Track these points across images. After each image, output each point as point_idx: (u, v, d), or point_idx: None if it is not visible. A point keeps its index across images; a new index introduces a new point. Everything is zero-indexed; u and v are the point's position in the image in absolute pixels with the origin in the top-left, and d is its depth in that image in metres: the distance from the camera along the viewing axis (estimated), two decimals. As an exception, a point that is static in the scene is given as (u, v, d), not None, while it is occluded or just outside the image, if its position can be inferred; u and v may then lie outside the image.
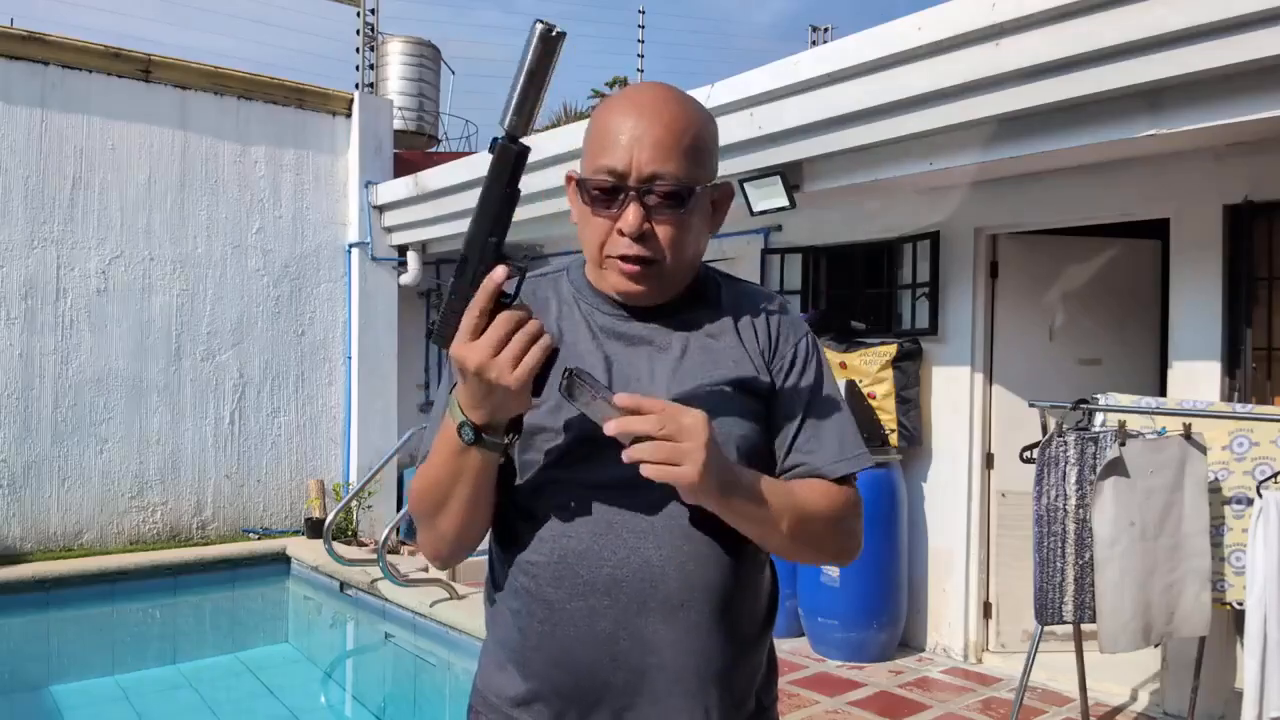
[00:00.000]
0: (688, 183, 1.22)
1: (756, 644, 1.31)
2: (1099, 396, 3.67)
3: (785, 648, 4.70)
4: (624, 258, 1.23)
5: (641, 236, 1.22)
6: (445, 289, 1.42)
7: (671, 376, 1.26)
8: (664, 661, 1.21)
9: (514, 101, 1.06)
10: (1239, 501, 3.33)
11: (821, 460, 1.29)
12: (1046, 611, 3.41)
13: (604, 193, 1.23)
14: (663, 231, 1.23)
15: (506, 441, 1.15)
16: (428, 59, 10.25)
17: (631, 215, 1.21)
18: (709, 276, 1.37)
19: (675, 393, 1.23)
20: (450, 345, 1.10)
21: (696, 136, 1.24)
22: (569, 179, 1.31)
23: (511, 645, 1.27)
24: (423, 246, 7.12)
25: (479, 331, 1.07)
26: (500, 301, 1.08)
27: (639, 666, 1.21)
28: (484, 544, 1.34)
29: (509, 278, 1.07)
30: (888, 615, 4.70)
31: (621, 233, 1.22)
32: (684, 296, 1.32)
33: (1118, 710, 4.09)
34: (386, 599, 5.22)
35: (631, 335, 1.28)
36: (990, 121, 3.48)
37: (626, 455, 1.09)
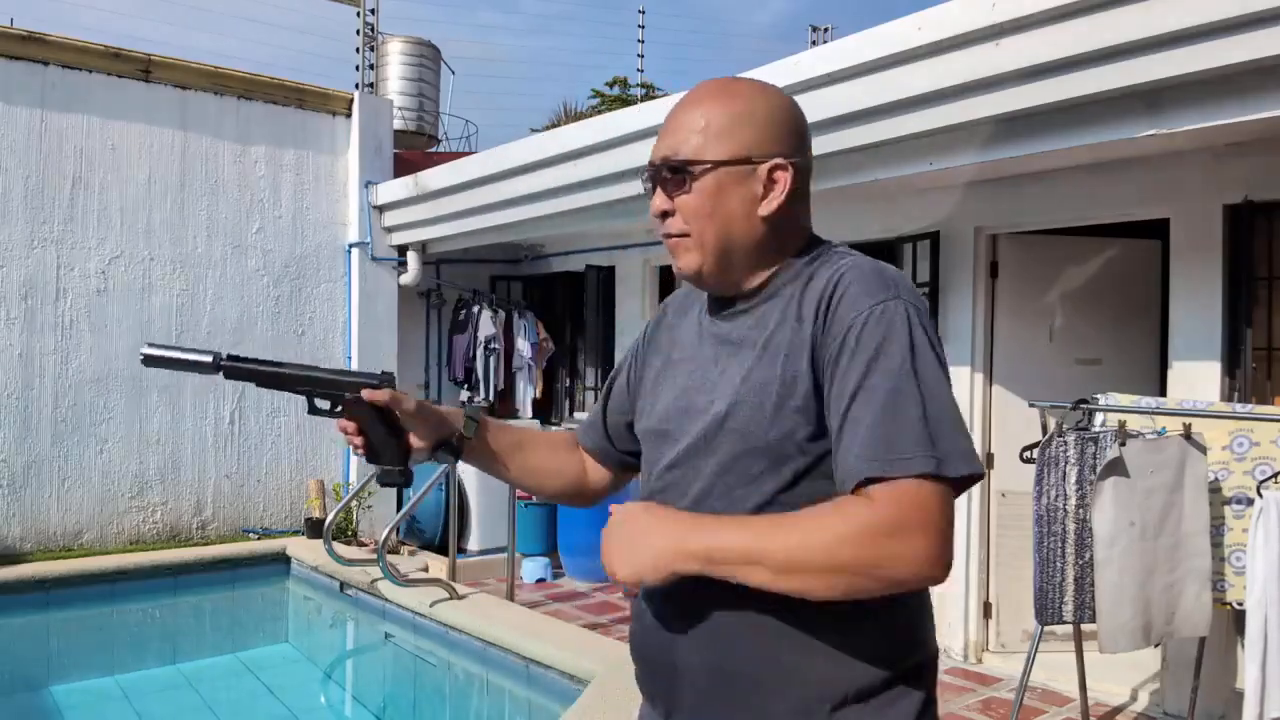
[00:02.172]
0: (688, 156, 1.25)
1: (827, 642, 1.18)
2: (1099, 396, 3.67)
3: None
4: (665, 236, 1.31)
5: (665, 215, 1.29)
6: (445, 289, 1.57)
7: (739, 385, 1.23)
8: (691, 663, 1.25)
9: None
10: (1239, 501, 3.33)
11: (842, 468, 1.13)
12: (1046, 611, 3.41)
13: (645, 186, 1.33)
14: (680, 205, 1.28)
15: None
16: (428, 59, 10.23)
17: (653, 198, 1.30)
18: (806, 257, 1.28)
19: (733, 403, 1.23)
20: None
21: (707, 114, 1.27)
22: None
23: None
24: (423, 246, 7.12)
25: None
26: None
27: (673, 666, 1.27)
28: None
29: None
30: (888, 615, 4.69)
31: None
32: (771, 282, 1.28)
33: (1118, 710, 4.09)
34: (386, 599, 5.21)
35: (721, 337, 1.31)
36: (990, 121, 3.48)
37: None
